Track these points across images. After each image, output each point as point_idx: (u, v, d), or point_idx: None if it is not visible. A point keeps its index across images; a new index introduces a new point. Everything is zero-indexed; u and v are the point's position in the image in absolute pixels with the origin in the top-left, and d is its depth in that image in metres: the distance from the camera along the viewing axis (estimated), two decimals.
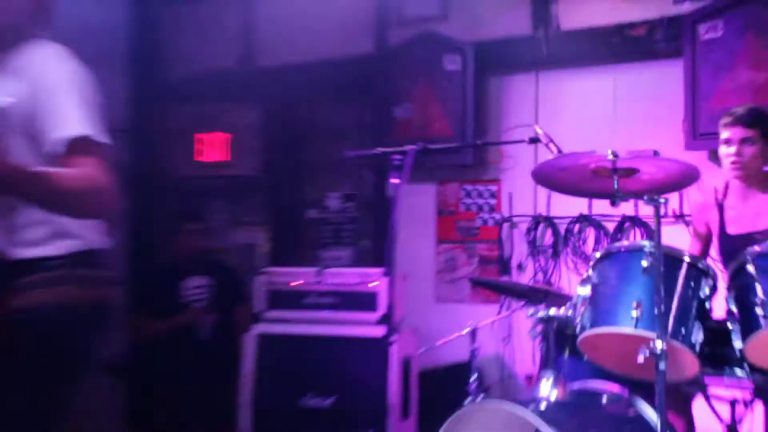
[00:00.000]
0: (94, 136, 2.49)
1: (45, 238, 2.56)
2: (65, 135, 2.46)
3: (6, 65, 2.60)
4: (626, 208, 5.17)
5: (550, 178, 3.83)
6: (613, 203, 3.59)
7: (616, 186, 3.52)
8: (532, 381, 4.96)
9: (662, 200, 3.30)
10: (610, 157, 3.48)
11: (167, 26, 7.74)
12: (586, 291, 3.57)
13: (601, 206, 5.57)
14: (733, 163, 4.08)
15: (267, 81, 7.16)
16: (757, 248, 3.39)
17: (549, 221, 5.94)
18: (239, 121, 7.30)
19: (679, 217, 4.39)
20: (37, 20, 2.72)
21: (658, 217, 3.34)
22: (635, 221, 5.56)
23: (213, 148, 7.35)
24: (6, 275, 2.54)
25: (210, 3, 7.52)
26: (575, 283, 3.75)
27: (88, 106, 2.51)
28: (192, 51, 7.53)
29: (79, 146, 2.46)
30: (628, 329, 3.34)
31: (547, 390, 3.65)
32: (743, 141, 4.07)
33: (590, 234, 5.80)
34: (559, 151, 3.86)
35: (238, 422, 5.27)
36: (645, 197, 3.31)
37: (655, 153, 3.59)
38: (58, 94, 2.49)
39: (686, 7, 5.61)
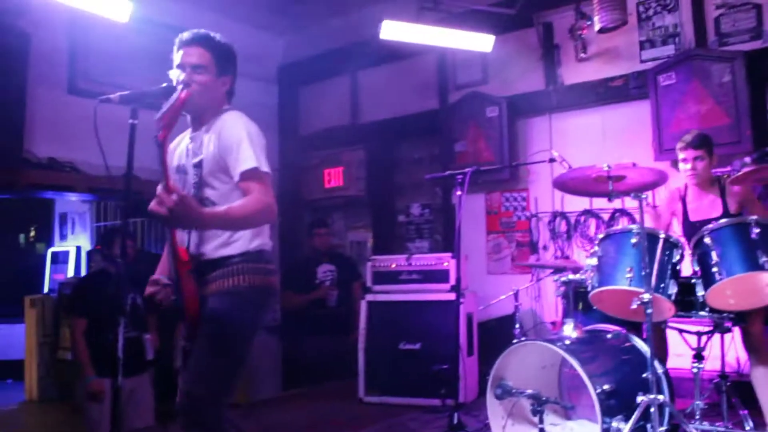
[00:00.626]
0: (261, 168, 2.50)
1: (227, 242, 2.60)
2: (243, 168, 2.48)
3: (207, 128, 2.64)
4: (616, 203, 5.04)
5: (564, 184, 3.74)
6: (610, 199, 3.50)
7: (611, 188, 3.44)
8: (557, 326, 4.89)
9: (644, 196, 3.23)
10: (605, 168, 3.41)
11: (302, 98, 7.87)
12: (593, 261, 3.51)
13: (599, 203, 5.47)
14: (690, 175, 3.95)
15: (369, 131, 7.22)
16: (710, 226, 3.29)
17: (563, 215, 5.82)
18: (351, 159, 7.35)
19: (653, 207, 4.28)
20: (228, 99, 2.77)
21: (641, 208, 3.26)
22: (623, 212, 5.44)
23: (334, 177, 7.42)
24: (203, 270, 2.57)
25: (329, 81, 7.58)
26: (584, 258, 3.66)
27: (257, 148, 2.54)
28: (319, 114, 7.63)
29: (252, 175, 2.48)
30: (624, 287, 3.31)
31: (569, 331, 3.60)
32: (695, 159, 3.93)
33: (592, 223, 5.65)
34: (570, 166, 3.79)
35: (357, 362, 5.29)
36: (632, 195, 3.25)
37: (634, 164, 3.46)
38: (239, 141, 2.52)
39: (649, 64, 5.49)
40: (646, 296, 3.11)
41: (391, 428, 4.47)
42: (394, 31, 5.65)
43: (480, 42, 5.87)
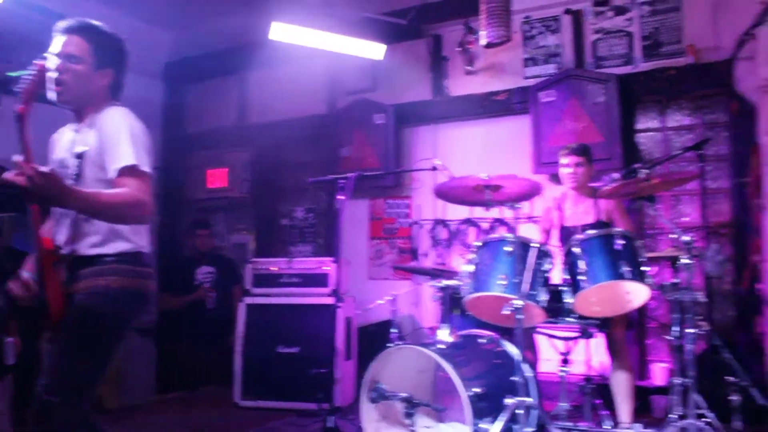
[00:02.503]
0: (140, 166, 2.40)
1: (102, 241, 2.47)
2: (120, 164, 2.38)
3: (89, 123, 2.52)
4: (495, 213, 5.18)
5: (445, 193, 3.81)
6: (487, 208, 3.59)
7: (488, 197, 3.52)
8: (434, 331, 4.96)
9: (518, 206, 3.33)
10: (484, 176, 3.49)
11: (189, 96, 7.65)
12: (469, 268, 3.57)
13: (479, 212, 5.57)
14: (572, 179, 4.13)
15: (255, 132, 7.10)
16: (579, 236, 3.44)
17: (444, 223, 5.92)
18: (236, 160, 7.21)
19: (530, 218, 4.43)
20: (113, 94, 2.64)
21: (516, 217, 3.36)
22: (501, 222, 5.59)
23: (217, 178, 7.27)
24: (74, 267, 2.44)
25: (218, 81, 7.41)
26: (462, 264, 3.73)
27: (138, 146, 2.43)
28: (206, 113, 7.45)
29: (129, 172, 2.38)
30: (497, 293, 3.37)
31: (444, 336, 3.65)
32: (577, 164, 4.12)
33: (472, 231, 5.78)
34: (451, 175, 3.86)
35: (234, 365, 5.18)
36: (508, 204, 3.33)
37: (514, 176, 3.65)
38: (119, 137, 2.41)
39: (532, 81, 5.69)
40: (518, 303, 3.20)
41: None
42: (284, 33, 5.59)
43: (371, 50, 5.91)
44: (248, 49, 6.71)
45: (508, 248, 3.37)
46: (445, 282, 3.75)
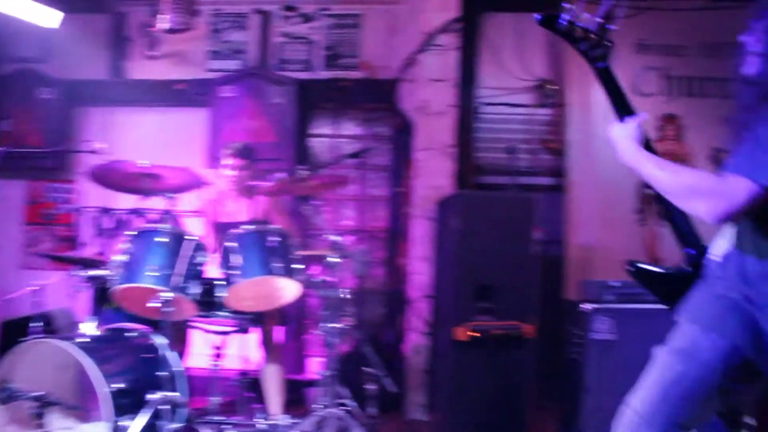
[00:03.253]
0: None
1: None
2: None
3: None
4: (156, 203, 4.88)
5: (101, 177, 3.60)
6: (146, 196, 3.47)
7: (146, 184, 3.42)
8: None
9: (173, 196, 3.27)
10: (143, 163, 3.37)
11: None
12: (121, 258, 3.40)
13: (152, 203, 5.26)
14: (232, 180, 4.12)
15: None
16: (234, 231, 3.48)
17: (109, 211, 5.44)
18: None
19: (196, 211, 4.35)
20: None
21: (171, 207, 3.30)
22: (170, 214, 5.37)
23: None
24: None
25: None
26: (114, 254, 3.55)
27: None
28: None
29: None
30: (146, 284, 3.29)
31: (88, 329, 3.44)
32: (238, 167, 4.08)
33: (141, 222, 5.44)
34: (109, 160, 3.63)
35: None
36: (164, 194, 3.26)
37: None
38: None
39: (213, 74, 5.66)
40: (167, 295, 3.14)
41: None
42: None
43: (45, 16, 5.37)
44: None
45: (162, 239, 3.30)
46: (91, 272, 3.52)
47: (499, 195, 4.75)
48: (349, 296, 3.56)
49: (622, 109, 1.95)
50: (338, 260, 3.52)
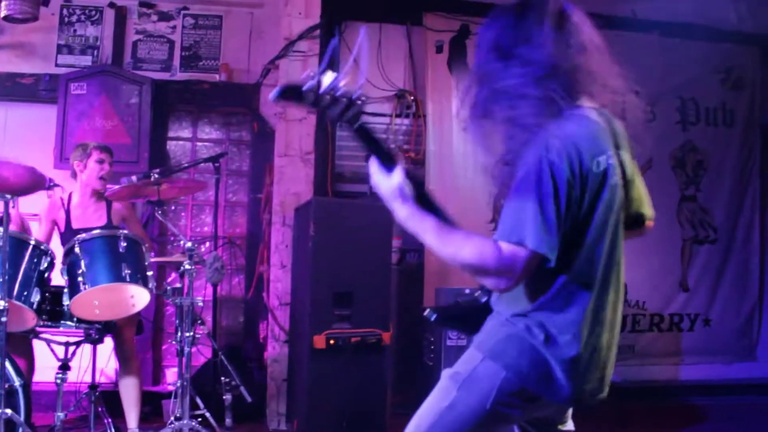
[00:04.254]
0: None
1: None
2: None
3: None
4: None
5: None
6: None
7: None
8: None
9: (9, 197, 3.09)
10: None
11: None
12: None
13: None
14: (103, 176, 3.99)
15: None
16: (82, 235, 3.34)
17: None
18: None
19: (42, 214, 4.14)
20: None
21: (6, 210, 3.11)
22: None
23: None
24: None
25: None
26: None
27: None
28: None
29: None
30: None
31: None
32: (107, 162, 4.01)
33: None
34: None
35: None
36: (3, 195, 3.08)
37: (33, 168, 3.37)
38: None
39: (64, 69, 5.37)
40: (2, 304, 2.97)
41: None
42: None
43: None
44: None
45: None
46: None
47: (356, 202, 4.84)
48: (200, 303, 3.50)
49: (385, 159, 1.75)
50: (193, 267, 3.45)
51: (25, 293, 3.17)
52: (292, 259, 4.61)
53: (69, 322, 3.41)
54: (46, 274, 3.31)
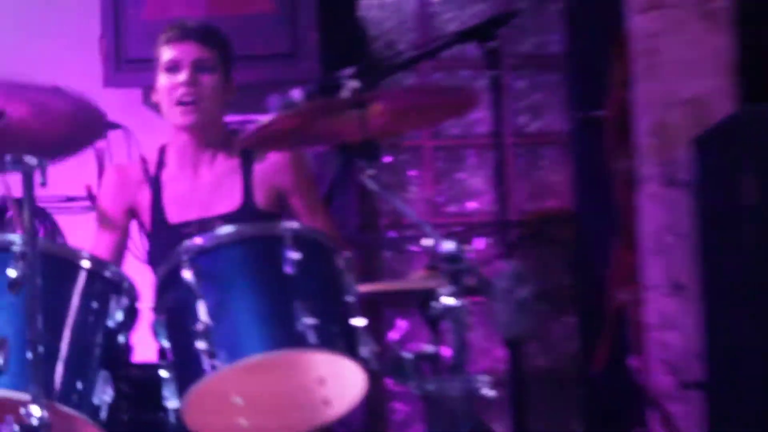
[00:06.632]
0: None
1: None
2: None
3: None
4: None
5: None
6: None
7: None
8: None
9: (35, 163, 1.34)
10: None
11: None
12: None
13: None
14: (188, 109, 1.94)
15: None
16: (199, 241, 1.46)
17: None
18: None
19: (83, 199, 2.21)
20: None
21: (30, 192, 1.36)
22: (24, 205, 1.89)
23: None
24: None
25: None
26: None
27: None
28: None
29: None
30: None
31: None
32: (199, 70, 1.96)
33: None
34: None
35: None
36: (7, 158, 1.34)
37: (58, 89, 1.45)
38: None
39: None
40: (38, 411, 1.25)
41: None
42: None
43: None
44: None
45: (15, 271, 1.31)
46: None
47: None
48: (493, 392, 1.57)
49: None
50: (462, 302, 1.53)
51: (80, 385, 1.37)
52: (703, 269, 2.43)
53: None
54: (121, 337, 1.47)
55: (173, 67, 1.94)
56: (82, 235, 2.07)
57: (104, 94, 2.59)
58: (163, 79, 1.95)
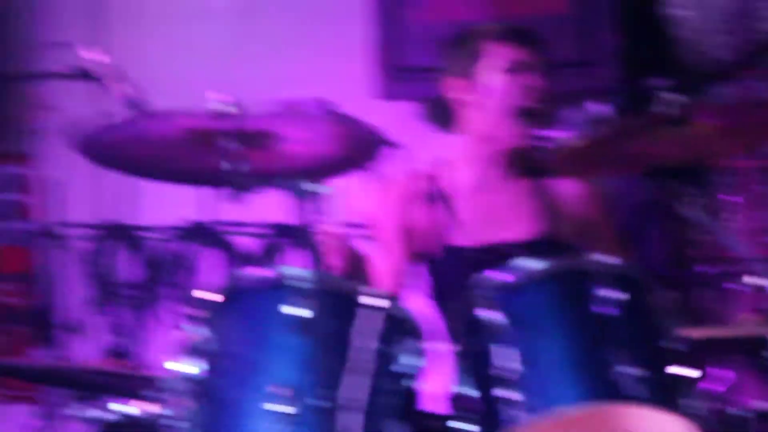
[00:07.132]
0: None
1: None
2: None
3: None
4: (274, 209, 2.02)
5: (119, 150, 1.47)
6: (236, 194, 1.36)
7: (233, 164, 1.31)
8: None
9: (319, 189, 1.20)
10: (229, 110, 1.26)
11: None
12: (189, 368, 1.24)
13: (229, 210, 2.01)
14: (532, 98, 1.73)
15: None
16: (507, 278, 1.27)
17: (131, 235, 2.48)
18: None
19: (355, 225, 2.00)
20: None
21: (311, 219, 1.23)
22: (294, 234, 1.85)
23: None
24: None
25: None
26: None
27: None
28: None
29: None
30: None
31: None
32: (530, 66, 1.75)
33: (207, 258, 2.47)
34: (137, 99, 1.44)
35: None
36: (283, 182, 1.22)
37: (324, 106, 1.27)
38: None
39: None
40: None
41: None
42: None
43: None
44: None
45: (295, 311, 1.17)
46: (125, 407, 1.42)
47: None
48: None
49: None
50: None
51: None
52: None
53: None
54: (408, 383, 1.31)
55: (516, 68, 1.72)
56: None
57: (372, 105, 2.41)
58: (496, 80, 1.72)
